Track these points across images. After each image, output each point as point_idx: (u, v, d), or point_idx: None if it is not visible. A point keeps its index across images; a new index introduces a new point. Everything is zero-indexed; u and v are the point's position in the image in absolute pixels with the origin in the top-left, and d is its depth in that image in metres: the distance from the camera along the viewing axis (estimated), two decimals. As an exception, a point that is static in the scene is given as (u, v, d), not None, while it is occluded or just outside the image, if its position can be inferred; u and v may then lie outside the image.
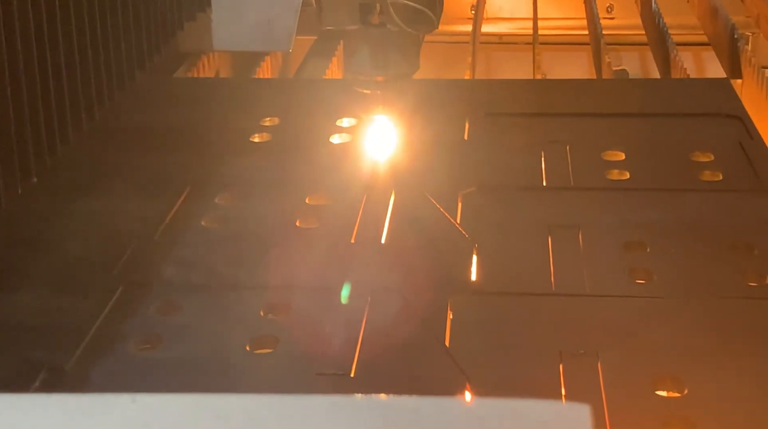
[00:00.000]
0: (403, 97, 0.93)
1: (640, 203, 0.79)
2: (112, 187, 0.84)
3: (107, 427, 0.27)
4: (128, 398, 0.28)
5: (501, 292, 0.68)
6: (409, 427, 0.26)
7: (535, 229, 0.76)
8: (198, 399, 0.28)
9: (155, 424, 0.27)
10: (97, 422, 0.28)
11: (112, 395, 0.29)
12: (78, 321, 0.65)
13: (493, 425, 0.26)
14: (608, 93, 1.07)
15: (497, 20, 1.74)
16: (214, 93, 1.07)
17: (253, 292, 0.69)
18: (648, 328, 0.64)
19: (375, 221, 0.77)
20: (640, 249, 0.72)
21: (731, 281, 0.68)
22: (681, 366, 0.60)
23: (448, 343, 0.63)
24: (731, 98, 0.99)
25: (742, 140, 0.89)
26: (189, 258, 0.73)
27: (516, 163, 0.87)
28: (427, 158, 0.88)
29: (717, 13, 1.39)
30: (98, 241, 0.76)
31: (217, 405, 0.28)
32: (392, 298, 0.67)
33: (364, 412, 0.26)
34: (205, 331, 0.65)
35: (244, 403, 0.28)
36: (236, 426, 0.27)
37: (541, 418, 0.26)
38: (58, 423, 0.28)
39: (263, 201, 0.82)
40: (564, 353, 0.61)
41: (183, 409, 0.29)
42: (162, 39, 1.02)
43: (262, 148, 0.92)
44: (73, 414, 0.28)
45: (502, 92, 1.06)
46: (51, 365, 0.61)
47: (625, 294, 0.67)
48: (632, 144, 0.89)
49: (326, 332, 0.64)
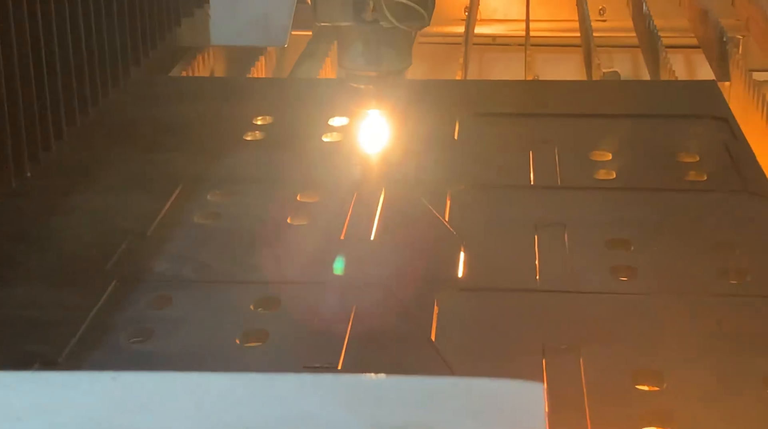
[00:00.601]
0: (395, 97, 0.94)
1: (626, 202, 0.81)
2: (106, 183, 0.85)
3: (88, 401, 0.29)
4: (109, 376, 0.30)
5: (487, 287, 0.70)
6: (370, 403, 0.27)
7: (522, 227, 0.77)
8: (173, 377, 0.30)
9: (133, 399, 0.28)
10: (79, 397, 0.29)
11: (95, 372, 0.30)
12: (71, 314, 0.66)
13: (451, 401, 0.27)
14: (597, 94, 1.08)
15: (491, 22, 1.75)
16: (209, 91, 1.09)
17: (243, 286, 0.70)
18: (629, 324, 0.65)
19: (365, 218, 0.79)
20: (624, 247, 0.74)
21: (712, 279, 0.70)
22: (661, 361, 0.61)
23: (434, 337, 0.64)
24: (718, 100, 1.00)
25: (727, 142, 0.90)
26: (181, 253, 0.74)
27: (505, 162, 0.89)
28: (418, 157, 0.89)
29: (707, 16, 1.41)
30: (92, 236, 0.77)
31: (192, 382, 0.29)
32: (380, 292, 0.68)
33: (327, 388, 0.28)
34: (196, 325, 0.66)
35: (216, 380, 0.29)
36: (208, 401, 0.28)
37: (497, 394, 0.27)
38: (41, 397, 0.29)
39: (255, 198, 0.83)
40: (547, 348, 0.62)
41: (159, 386, 0.30)
42: (159, 35, 1.03)
43: (254, 146, 0.93)
44: (56, 389, 0.29)
45: (492, 92, 1.08)
46: (44, 357, 0.62)
47: (607, 290, 0.69)
48: (620, 144, 0.91)
49: (315, 326, 0.65)
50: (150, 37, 1.02)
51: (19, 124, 0.76)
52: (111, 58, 0.93)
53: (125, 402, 0.28)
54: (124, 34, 0.96)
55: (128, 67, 0.97)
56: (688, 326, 0.65)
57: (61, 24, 0.82)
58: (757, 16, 1.48)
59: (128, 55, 0.97)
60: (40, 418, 0.27)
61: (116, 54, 0.94)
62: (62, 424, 0.27)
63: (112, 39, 0.93)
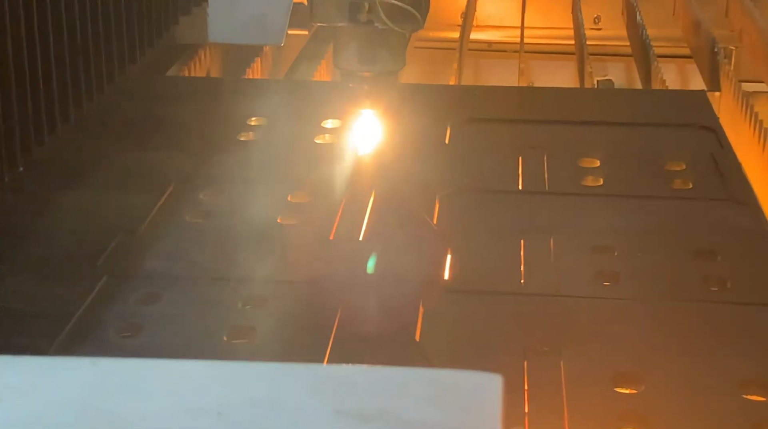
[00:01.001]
0: (388, 100, 0.95)
1: (612, 209, 0.82)
2: (99, 180, 0.86)
3: (68, 384, 0.30)
4: (88, 361, 0.31)
5: (472, 290, 0.71)
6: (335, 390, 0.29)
7: (509, 232, 0.78)
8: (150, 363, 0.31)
9: (111, 383, 0.29)
10: (59, 380, 0.30)
11: (74, 358, 0.31)
12: (61, 309, 0.67)
13: (412, 390, 0.28)
14: (588, 102, 1.09)
15: (486, 28, 1.76)
16: (204, 92, 1.10)
17: (232, 284, 0.71)
18: (611, 328, 0.66)
19: (354, 220, 0.80)
20: (608, 253, 0.75)
21: (694, 285, 0.71)
22: (640, 365, 0.62)
23: (419, 338, 0.65)
24: (706, 110, 1.01)
25: (714, 151, 0.91)
26: (172, 251, 0.75)
27: (494, 168, 0.90)
28: (408, 161, 0.91)
29: (699, 27, 1.42)
30: (84, 232, 0.78)
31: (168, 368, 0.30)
32: (366, 293, 0.69)
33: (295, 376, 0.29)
34: (185, 321, 0.67)
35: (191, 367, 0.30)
36: (183, 386, 0.30)
37: (457, 384, 0.29)
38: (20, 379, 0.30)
39: (246, 198, 0.84)
40: (528, 350, 0.63)
41: (137, 371, 0.31)
42: (156, 33, 1.04)
43: (248, 147, 0.94)
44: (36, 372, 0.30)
45: (485, 98, 1.09)
46: (33, 350, 0.63)
47: (590, 295, 0.70)
48: (608, 152, 0.92)
49: (302, 324, 0.66)
50: (147, 34, 1.02)
51: (12, 119, 0.77)
52: (107, 54, 0.93)
53: (103, 386, 0.29)
54: (121, 31, 0.96)
55: (124, 64, 0.98)
56: (668, 331, 0.66)
57: (57, 18, 0.82)
58: (750, 27, 1.50)
59: (125, 51, 0.98)
60: (19, 400, 0.28)
61: (112, 50, 0.94)
62: (42, 405, 0.28)
63: (109, 35, 0.93)
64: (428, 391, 0.29)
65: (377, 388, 0.29)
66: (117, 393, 0.29)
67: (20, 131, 0.78)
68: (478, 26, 1.75)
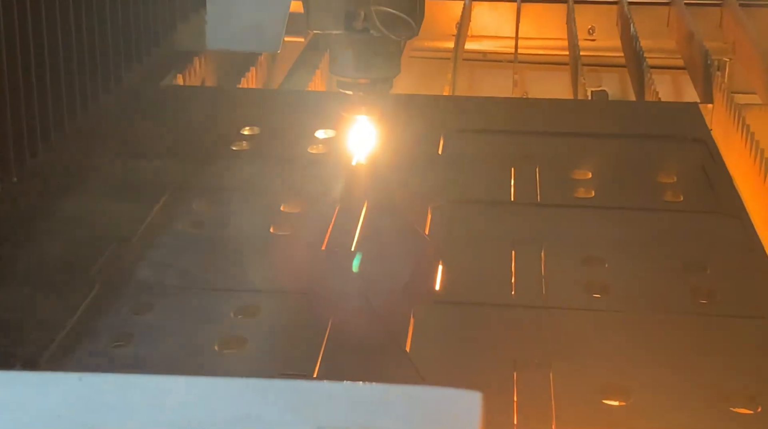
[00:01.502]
0: (382, 111, 0.96)
1: (603, 221, 0.82)
2: (92, 189, 0.86)
3: (54, 400, 0.30)
4: (75, 377, 0.31)
5: (462, 301, 0.71)
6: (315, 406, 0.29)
7: (500, 243, 0.78)
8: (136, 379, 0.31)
9: (97, 399, 0.30)
10: (46, 395, 0.30)
11: (61, 373, 0.31)
12: (54, 318, 0.67)
13: (393, 407, 0.29)
14: (580, 113, 1.10)
15: (481, 38, 1.77)
16: (199, 101, 1.10)
17: (224, 294, 0.71)
18: (600, 340, 0.66)
19: (346, 230, 0.80)
20: (599, 264, 0.75)
21: (683, 298, 0.71)
22: (628, 377, 0.62)
23: (409, 349, 0.66)
24: (699, 123, 1.02)
25: (705, 164, 0.92)
26: (164, 260, 0.76)
27: (486, 179, 0.90)
28: (401, 171, 0.91)
29: (693, 38, 1.43)
30: (77, 241, 0.78)
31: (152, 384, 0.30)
32: (358, 303, 0.70)
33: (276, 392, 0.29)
34: (177, 331, 0.67)
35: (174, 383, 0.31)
36: (167, 401, 0.30)
37: (437, 402, 0.29)
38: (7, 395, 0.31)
39: (239, 207, 0.84)
40: (518, 362, 0.64)
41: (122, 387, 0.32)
42: (154, 41, 1.04)
43: (241, 156, 0.95)
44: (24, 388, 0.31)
45: (478, 109, 1.09)
46: (25, 359, 0.63)
47: (580, 307, 0.70)
48: (600, 164, 0.92)
49: (293, 334, 0.67)
50: (145, 42, 1.02)
51: (6, 129, 0.77)
52: (103, 64, 0.93)
53: (90, 401, 0.29)
54: (118, 42, 0.96)
55: (121, 74, 0.98)
56: (657, 343, 0.66)
57: (52, 28, 0.82)
58: (743, 38, 1.51)
59: (121, 61, 0.97)
60: (7, 415, 0.29)
61: (108, 60, 0.94)
62: (30, 420, 0.28)
63: (105, 46, 0.93)
64: (408, 409, 0.30)
65: (358, 405, 0.29)
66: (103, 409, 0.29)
67: (14, 142, 0.78)
68: (473, 36, 1.76)
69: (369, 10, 0.86)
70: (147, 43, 1.02)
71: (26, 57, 0.79)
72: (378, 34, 0.87)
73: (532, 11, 1.75)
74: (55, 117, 0.85)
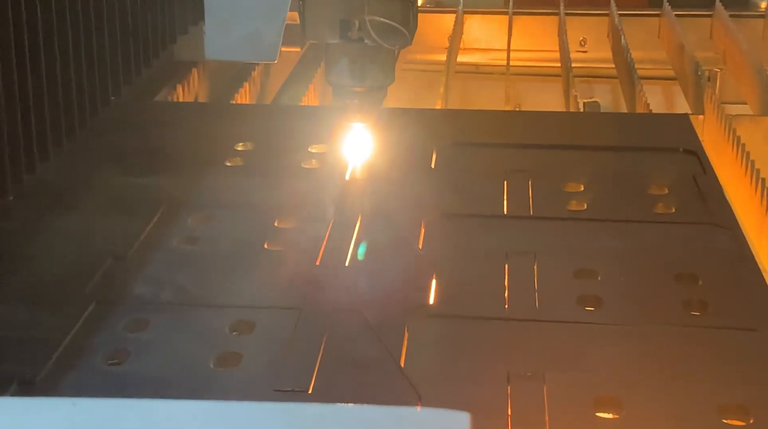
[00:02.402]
0: (374, 125, 0.96)
1: (595, 233, 0.83)
2: (87, 205, 0.87)
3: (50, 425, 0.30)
4: (70, 402, 0.31)
5: (456, 315, 0.72)
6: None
7: (493, 256, 0.79)
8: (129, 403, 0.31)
9: (91, 424, 0.30)
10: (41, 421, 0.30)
11: (55, 399, 0.32)
12: (49, 335, 0.68)
13: (380, 428, 0.29)
14: (572, 126, 1.10)
15: (473, 50, 1.78)
16: (192, 117, 1.11)
17: (219, 310, 0.72)
18: (593, 353, 0.67)
19: (340, 245, 0.80)
20: (591, 277, 0.76)
21: (675, 310, 0.72)
22: (622, 389, 0.63)
23: (404, 363, 0.66)
24: (689, 134, 1.03)
25: (696, 175, 0.92)
26: (159, 277, 0.76)
27: (479, 192, 0.91)
28: (394, 185, 0.91)
29: (683, 49, 1.44)
30: (72, 258, 0.79)
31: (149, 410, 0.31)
32: (352, 318, 0.70)
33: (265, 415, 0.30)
34: (172, 348, 0.68)
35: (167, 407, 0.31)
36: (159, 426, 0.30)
37: (424, 423, 0.29)
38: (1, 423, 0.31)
39: (233, 223, 0.85)
40: (512, 375, 0.64)
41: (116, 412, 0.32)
42: (153, 54, 1.04)
43: (235, 172, 0.95)
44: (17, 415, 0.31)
45: (470, 122, 1.10)
46: (21, 378, 0.63)
47: (573, 320, 0.70)
48: (592, 176, 0.93)
49: (288, 350, 0.67)
50: (144, 55, 1.02)
51: (3, 145, 0.77)
52: (101, 80, 0.92)
53: (84, 426, 0.30)
54: (116, 56, 0.95)
55: (119, 89, 0.97)
56: (650, 356, 0.67)
57: (50, 42, 0.82)
58: (734, 49, 1.52)
59: (119, 77, 0.97)
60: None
61: (106, 76, 0.94)
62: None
63: (103, 61, 0.92)
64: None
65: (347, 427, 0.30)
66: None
67: (11, 159, 0.77)
68: (465, 49, 1.77)
69: (363, 20, 0.87)
70: (147, 55, 1.02)
71: (22, 71, 0.78)
72: (373, 44, 0.88)
73: (524, 23, 1.76)
74: (54, 133, 0.84)
